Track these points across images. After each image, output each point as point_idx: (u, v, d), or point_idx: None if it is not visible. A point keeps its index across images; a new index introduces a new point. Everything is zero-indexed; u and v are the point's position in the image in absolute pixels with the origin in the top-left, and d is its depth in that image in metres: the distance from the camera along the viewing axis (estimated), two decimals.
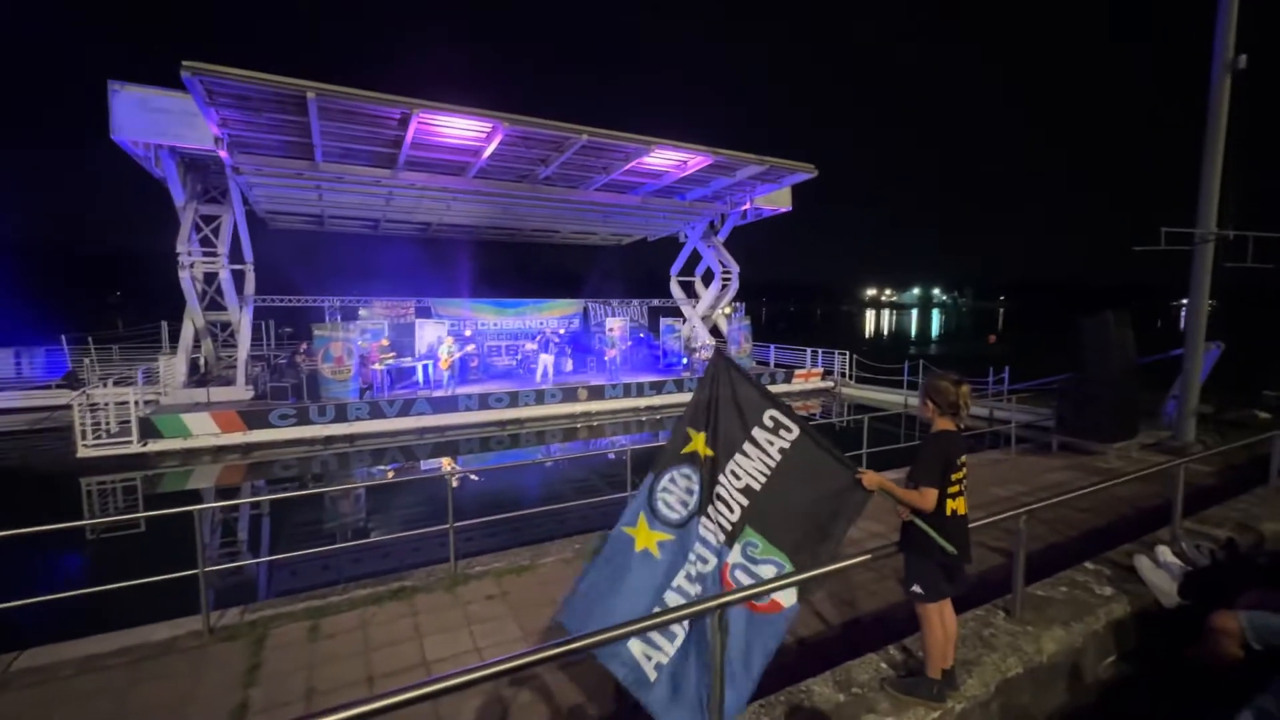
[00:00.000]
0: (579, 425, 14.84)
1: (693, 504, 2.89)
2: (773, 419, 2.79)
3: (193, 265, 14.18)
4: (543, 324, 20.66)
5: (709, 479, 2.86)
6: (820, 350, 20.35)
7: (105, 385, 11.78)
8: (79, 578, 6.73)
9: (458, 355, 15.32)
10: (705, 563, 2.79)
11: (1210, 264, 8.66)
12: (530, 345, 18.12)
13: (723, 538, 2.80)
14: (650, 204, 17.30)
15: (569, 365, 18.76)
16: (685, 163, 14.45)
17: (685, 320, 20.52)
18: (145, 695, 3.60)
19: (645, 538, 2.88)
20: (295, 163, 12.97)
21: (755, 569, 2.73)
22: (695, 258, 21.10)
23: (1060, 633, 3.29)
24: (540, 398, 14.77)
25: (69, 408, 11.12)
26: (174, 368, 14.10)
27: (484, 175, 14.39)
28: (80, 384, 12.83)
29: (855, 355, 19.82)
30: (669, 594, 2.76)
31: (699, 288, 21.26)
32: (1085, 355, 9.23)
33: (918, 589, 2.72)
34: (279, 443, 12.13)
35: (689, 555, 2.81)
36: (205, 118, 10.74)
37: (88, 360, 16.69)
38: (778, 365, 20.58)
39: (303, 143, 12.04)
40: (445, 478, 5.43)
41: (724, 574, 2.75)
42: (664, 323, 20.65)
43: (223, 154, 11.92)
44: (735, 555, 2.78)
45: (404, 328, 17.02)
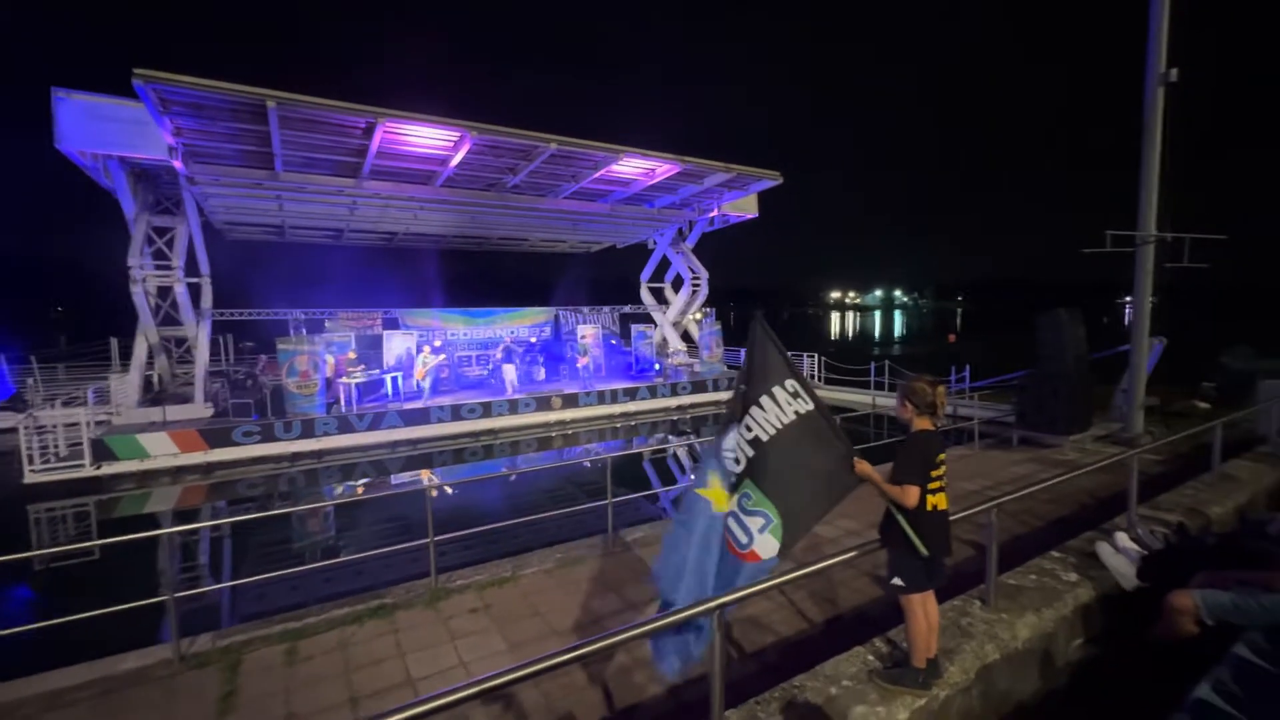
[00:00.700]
0: (554, 434, 14.76)
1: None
2: (792, 386, 2.92)
3: (145, 279, 13.60)
4: (513, 333, 20.49)
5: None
6: (789, 353, 20.66)
7: (53, 406, 11.19)
8: (35, 610, 6.38)
9: (433, 364, 15.20)
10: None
11: (1151, 264, 9.16)
12: (500, 355, 17.97)
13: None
14: (619, 212, 17.38)
15: (541, 374, 18.66)
16: (653, 171, 14.59)
17: (656, 326, 20.63)
18: None
19: (719, 498, 2.95)
20: (254, 172, 12.61)
21: (745, 519, 2.82)
22: (665, 264, 21.26)
23: (1033, 619, 3.45)
24: (514, 407, 14.64)
25: (14, 431, 10.52)
26: (127, 386, 13.46)
27: (451, 184, 14.25)
28: (25, 405, 12.16)
29: (823, 357, 20.22)
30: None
31: (669, 294, 21.42)
32: (1042, 352, 9.64)
33: (899, 581, 2.82)
34: (243, 461, 11.71)
35: None
36: (159, 127, 10.37)
37: (31, 380, 15.83)
38: None
39: (262, 152, 11.73)
40: (424, 491, 5.35)
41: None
42: (635, 329, 20.71)
43: (177, 164, 11.51)
44: (732, 503, 2.87)
45: (371, 339, 16.67)
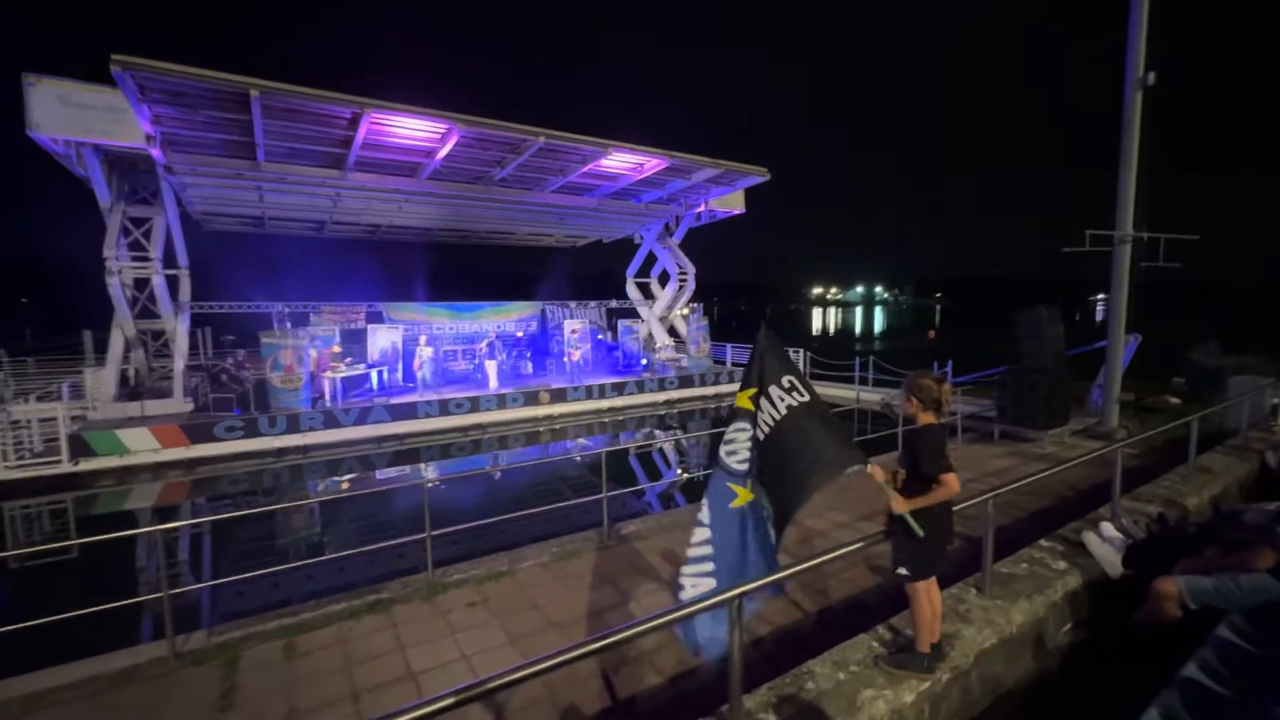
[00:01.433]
0: (542, 429, 14.73)
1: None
2: (788, 381, 3.01)
3: (121, 271, 13.24)
4: (499, 327, 20.36)
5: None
6: (788, 353, 20.79)
7: (25, 400, 10.87)
8: (18, 611, 6.22)
9: (428, 356, 15.22)
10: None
11: (1128, 263, 9.41)
12: (502, 353, 17.88)
13: None
14: (607, 206, 17.35)
15: (529, 368, 18.59)
16: (641, 165, 14.58)
17: (643, 321, 20.66)
18: None
19: (743, 494, 3.11)
20: (235, 162, 12.33)
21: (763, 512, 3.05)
22: (651, 259, 21.26)
23: (1026, 605, 3.57)
24: (502, 402, 14.57)
25: None
26: (102, 380, 13.12)
27: (438, 177, 14.09)
28: None
29: (807, 352, 20.41)
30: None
31: (656, 289, 21.44)
32: (1022, 349, 9.87)
33: (904, 571, 2.90)
34: (227, 457, 11.49)
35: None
36: (137, 115, 10.09)
37: (0, 374, 15.35)
38: (734, 364, 20.97)
39: (244, 141, 11.47)
40: (422, 485, 5.32)
41: None
42: (622, 324, 20.71)
43: (155, 153, 11.21)
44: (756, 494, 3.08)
45: (355, 333, 16.45)
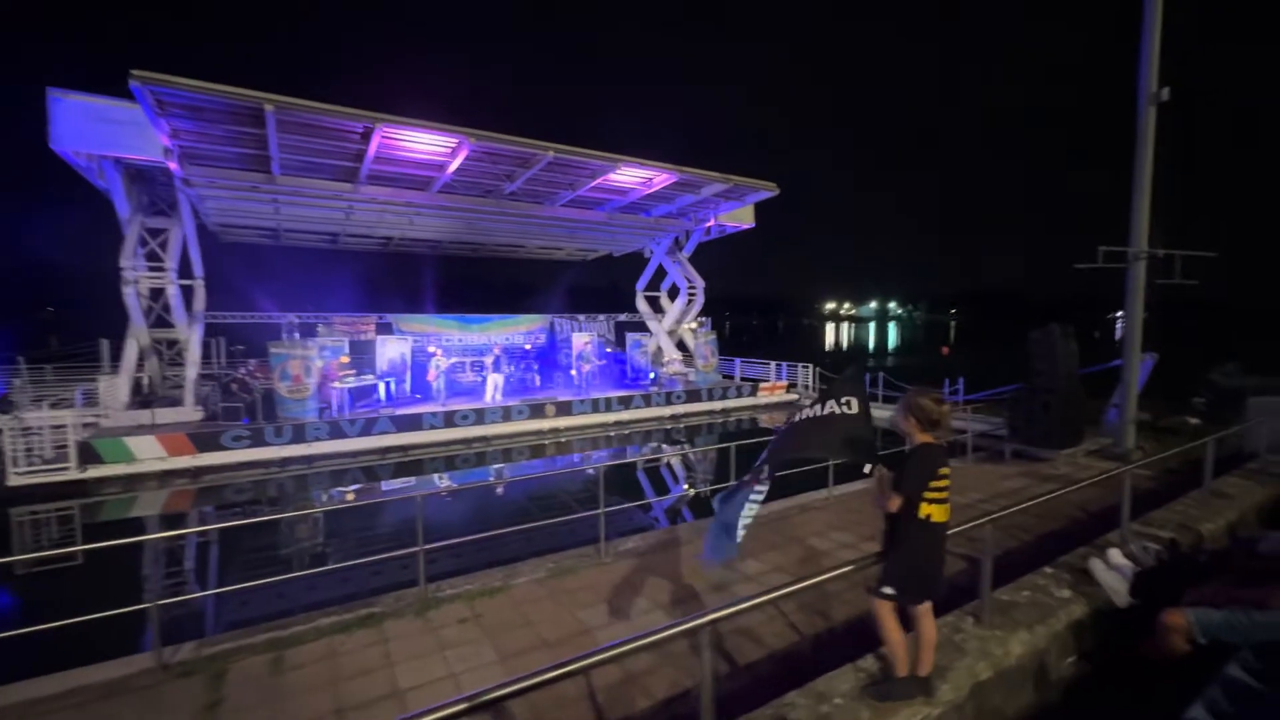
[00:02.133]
0: (547, 442, 14.69)
1: None
2: (847, 400, 3.02)
3: (137, 281, 13.52)
4: (508, 339, 20.47)
5: None
6: (784, 363, 20.74)
7: (39, 408, 11.05)
8: (13, 617, 6.27)
9: (445, 366, 15.45)
10: None
11: (1143, 280, 9.25)
12: (508, 366, 17.97)
13: None
14: (616, 220, 17.43)
15: (536, 381, 18.62)
16: (651, 180, 14.66)
17: (652, 335, 20.64)
18: None
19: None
20: (250, 175, 12.58)
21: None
22: (661, 273, 21.30)
23: (1025, 635, 3.44)
24: (507, 415, 14.57)
25: None
26: (115, 388, 13.32)
27: (449, 190, 14.26)
28: (11, 406, 12.02)
29: (818, 368, 20.26)
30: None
31: (665, 303, 21.44)
32: (1035, 366, 9.70)
33: (889, 590, 2.82)
34: (232, 465, 11.57)
35: None
36: (155, 129, 10.34)
37: (18, 381, 15.65)
38: (743, 379, 20.86)
39: (259, 155, 11.71)
40: (415, 498, 5.29)
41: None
42: (630, 338, 20.71)
43: (173, 166, 11.48)
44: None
45: (365, 344, 16.60)
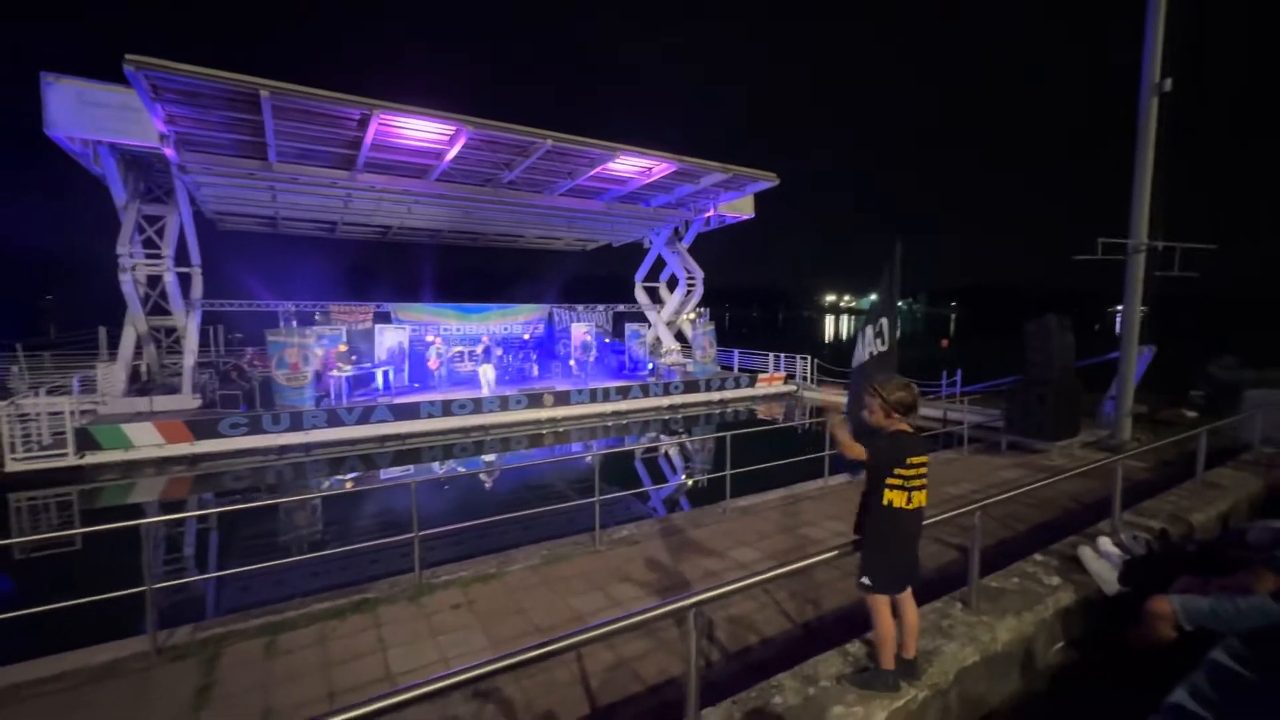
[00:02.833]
0: (545, 431, 14.71)
1: None
2: (879, 325, 3.07)
3: (134, 268, 13.46)
4: (506, 328, 20.44)
5: None
6: (782, 355, 20.74)
7: (37, 394, 11.05)
8: (8, 600, 6.29)
9: (448, 354, 15.45)
10: None
11: (1142, 272, 9.22)
12: (498, 350, 17.96)
13: None
14: (615, 210, 17.35)
15: (534, 370, 18.62)
16: (650, 169, 14.57)
17: (650, 326, 20.62)
18: None
19: None
20: (247, 162, 12.50)
21: None
22: (660, 263, 21.25)
23: (1013, 622, 3.46)
24: (505, 404, 14.58)
25: None
26: (113, 376, 13.32)
27: (447, 179, 14.18)
28: (9, 394, 12.03)
29: (816, 359, 20.27)
30: None
31: (664, 293, 21.40)
32: (1031, 358, 9.69)
33: (866, 580, 2.83)
34: (229, 453, 11.60)
35: None
36: (150, 114, 10.26)
37: (16, 368, 15.65)
38: (741, 370, 20.86)
39: (256, 142, 11.62)
40: (409, 485, 5.30)
41: None
42: (629, 328, 20.69)
43: (168, 152, 11.40)
44: None
45: (363, 333, 16.57)
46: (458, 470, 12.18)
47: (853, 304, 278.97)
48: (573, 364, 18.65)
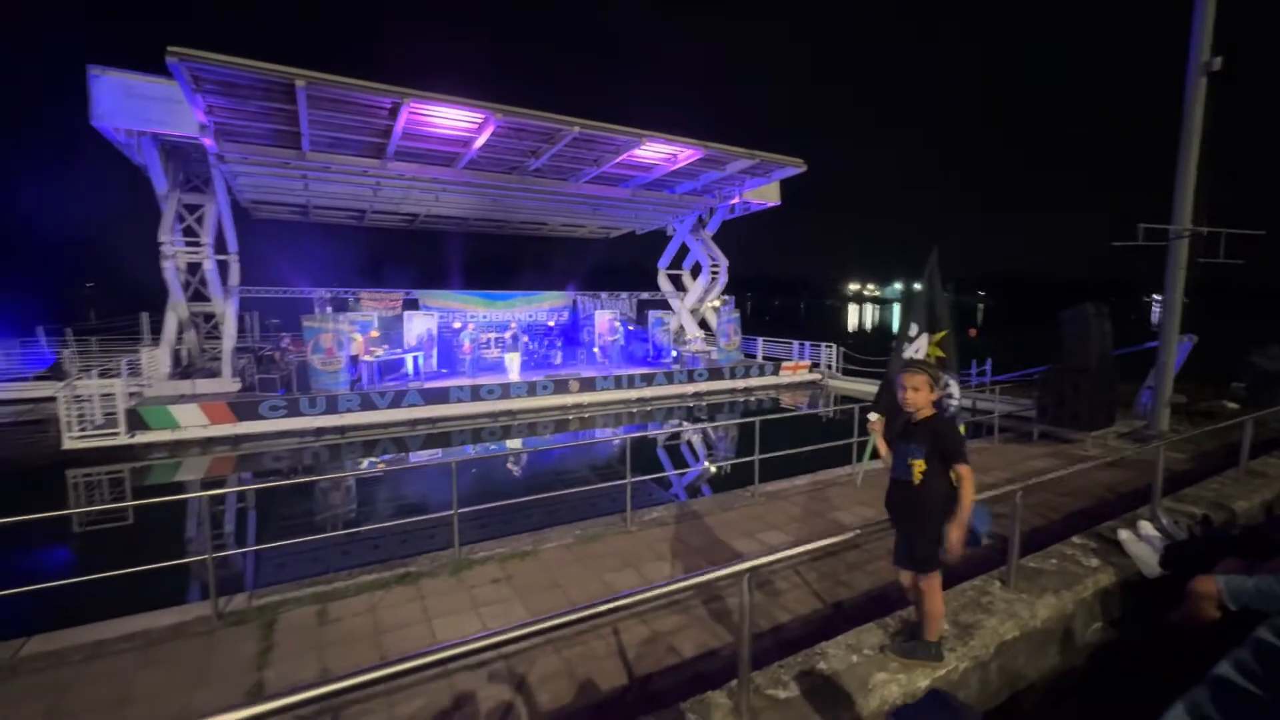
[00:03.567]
0: (571, 417, 14.90)
1: None
2: (914, 331, 3.18)
3: (175, 255, 13.92)
4: (532, 316, 20.66)
5: None
6: (807, 343, 20.59)
7: (89, 376, 11.56)
8: (74, 568, 6.66)
9: (481, 340, 16.07)
10: None
11: (1184, 260, 8.95)
12: (524, 338, 18.17)
13: None
14: (640, 197, 17.33)
15: (559, 357, 18.80)
16: (675, 156, 14.52)
17: (674, 313, 20.62)
18: (157, 678, 3.62)
19: None
20: (281, 151, 12.78)
21: None
22: (683, 251, 21.16)
23: (1052, 600, 3.48)
24: (532, 390, 14.79)
25: (53, 400, 10.89)
26: (157, 360, 13.85)
27: (474, 166, 14.32)
28: (64, 376, 12.59)
29: (841, 348, 20.09)
30: None
31: (687, 281, 21.35)
32: (1066, 347, 9.51)
33: (941, 555, 2.88)
34: (269, 434, 12.01)
35: None
36: (191, 105, 10.55)
37: (67, 352, 16.35)
38: (766, 358, 20.79)
39: (290, 131, 11.87)
40: (449, 465, 5.46)
41: None
42: (652, 315, 20.73)
43: (207, 142, 11.71)
44: None
45: (392, 320, 16.91)
46: (490, 451, 12.44)
47: (877, 293, 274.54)
48: (597, 351, 18.77)
